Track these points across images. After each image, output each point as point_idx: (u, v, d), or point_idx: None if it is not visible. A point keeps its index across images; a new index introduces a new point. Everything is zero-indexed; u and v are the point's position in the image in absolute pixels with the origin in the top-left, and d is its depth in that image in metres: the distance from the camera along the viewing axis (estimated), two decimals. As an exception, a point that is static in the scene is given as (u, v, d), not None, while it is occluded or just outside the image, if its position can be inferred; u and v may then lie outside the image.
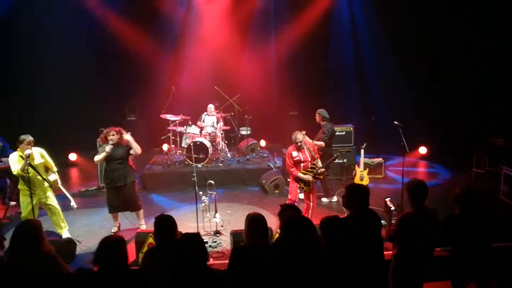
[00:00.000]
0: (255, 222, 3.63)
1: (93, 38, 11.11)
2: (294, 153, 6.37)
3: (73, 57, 10.78)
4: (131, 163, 6.62)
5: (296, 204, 6.06)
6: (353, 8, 12.00)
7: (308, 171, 6.35)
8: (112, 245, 3.20)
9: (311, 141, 6.97)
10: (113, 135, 6.23)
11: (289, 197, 6.56)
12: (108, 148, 6.19)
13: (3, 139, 7.85)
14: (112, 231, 6.60)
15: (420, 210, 4.00)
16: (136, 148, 6.40)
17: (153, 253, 3.74)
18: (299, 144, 6.32)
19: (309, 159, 6.38)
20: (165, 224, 3.73)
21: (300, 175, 6.31)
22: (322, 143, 7.53)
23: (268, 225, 3.74)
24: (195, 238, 3.10)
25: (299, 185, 6.42)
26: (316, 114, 7.97)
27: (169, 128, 10.11)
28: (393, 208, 4.24)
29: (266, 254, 3.38)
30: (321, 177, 6.64)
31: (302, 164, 6.36)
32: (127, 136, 6.38)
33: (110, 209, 6.57)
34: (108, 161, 6.33)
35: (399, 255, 4.09)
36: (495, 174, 8.99)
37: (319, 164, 6.36)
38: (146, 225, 6.66)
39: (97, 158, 6.38)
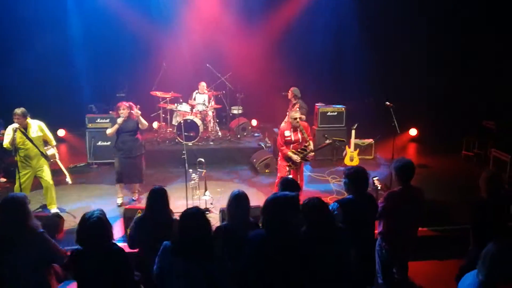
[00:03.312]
0: (238, 199, 3.64)
1: (83, 14, 10.81)
2: (287, 133, 6.35)
3: (63, 33, 10.55)
4: (140, 137, 6.91)
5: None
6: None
7: (299, 152, 6.34)
8: (92, 225, 3.14)
9: (306, 123, 6.90)
10: (123, 109, 6.60)
11: (278, 175, 6.58)
12: (119, 120, 6.56)
13: None
14: (117, 202, 6.87)
15: (406, 188, 4.02)
16: (143, 122, 6.74)
17: (141, 220, 3.89)
18: (296, 122, 6.26)
19: (300, 141, 6.37)
20: (159, 195, 3.90)
21: (290, 153, 6.30)
22: (303, 116, 7.60)
23: (258, 204, 3.73)
24: (199, 214, 3.05)
25: (287, 164, 6.42)
26: (289, 91, 8.45)
27: (159, 105, 10.00)
28: (379, 187, 4.25)
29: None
30: (310, 159, 6.64)
31: (292, 145, 6.36)
32: (137, 111, 6.69)
33: (118, 179, 6.82)
34: (120, 133, 6.68)
35: (384, 232, 4.12)
36: (484, 157, 9.08)
37: (311, 146, 6.34)
38: (137, 200, 7.00)
39: (109, 130, 6.77)
